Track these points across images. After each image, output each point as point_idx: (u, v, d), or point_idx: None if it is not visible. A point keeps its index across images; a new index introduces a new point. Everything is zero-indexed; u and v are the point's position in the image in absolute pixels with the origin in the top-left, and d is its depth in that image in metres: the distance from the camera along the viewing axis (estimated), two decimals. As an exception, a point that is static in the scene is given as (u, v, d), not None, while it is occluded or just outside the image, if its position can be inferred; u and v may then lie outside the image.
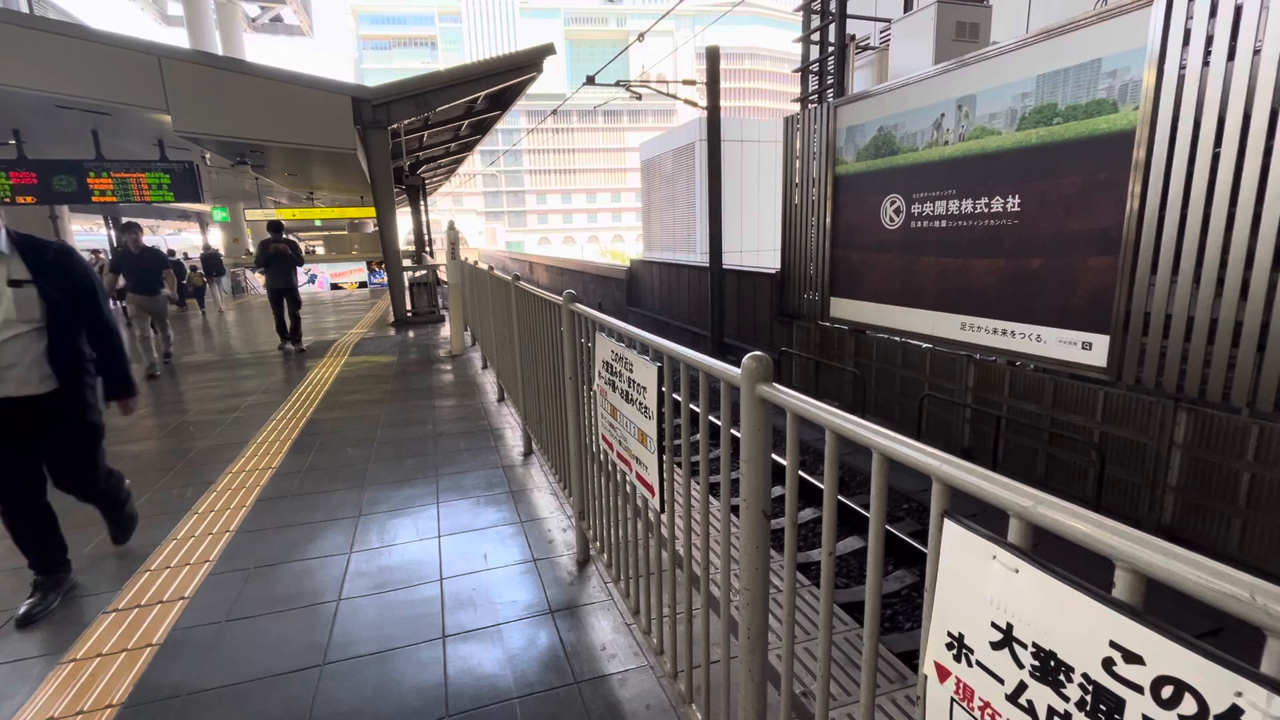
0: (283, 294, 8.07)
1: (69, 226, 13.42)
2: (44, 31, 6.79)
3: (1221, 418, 4.59)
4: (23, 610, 2.39)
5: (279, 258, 7.91)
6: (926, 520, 5.63)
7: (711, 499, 3.15)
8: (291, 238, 8.50)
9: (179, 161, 8.68)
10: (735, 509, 1.36)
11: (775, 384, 1.20)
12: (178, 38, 20.57)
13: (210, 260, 15.21)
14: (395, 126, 9.89)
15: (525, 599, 2.48)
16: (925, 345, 7.10)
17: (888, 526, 5.33)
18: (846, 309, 8.22)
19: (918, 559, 4.95)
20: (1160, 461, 5.00)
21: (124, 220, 6.65)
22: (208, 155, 10.14)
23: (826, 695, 1.15)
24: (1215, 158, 4.32)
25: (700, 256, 16.40)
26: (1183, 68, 4.43)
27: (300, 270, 8.33)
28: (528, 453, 4.07)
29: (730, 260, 12.08)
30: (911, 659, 3.71)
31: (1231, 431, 4.55)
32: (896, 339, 7.54)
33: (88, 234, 27.71)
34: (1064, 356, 5.44)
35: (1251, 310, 4.23)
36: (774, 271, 10.26)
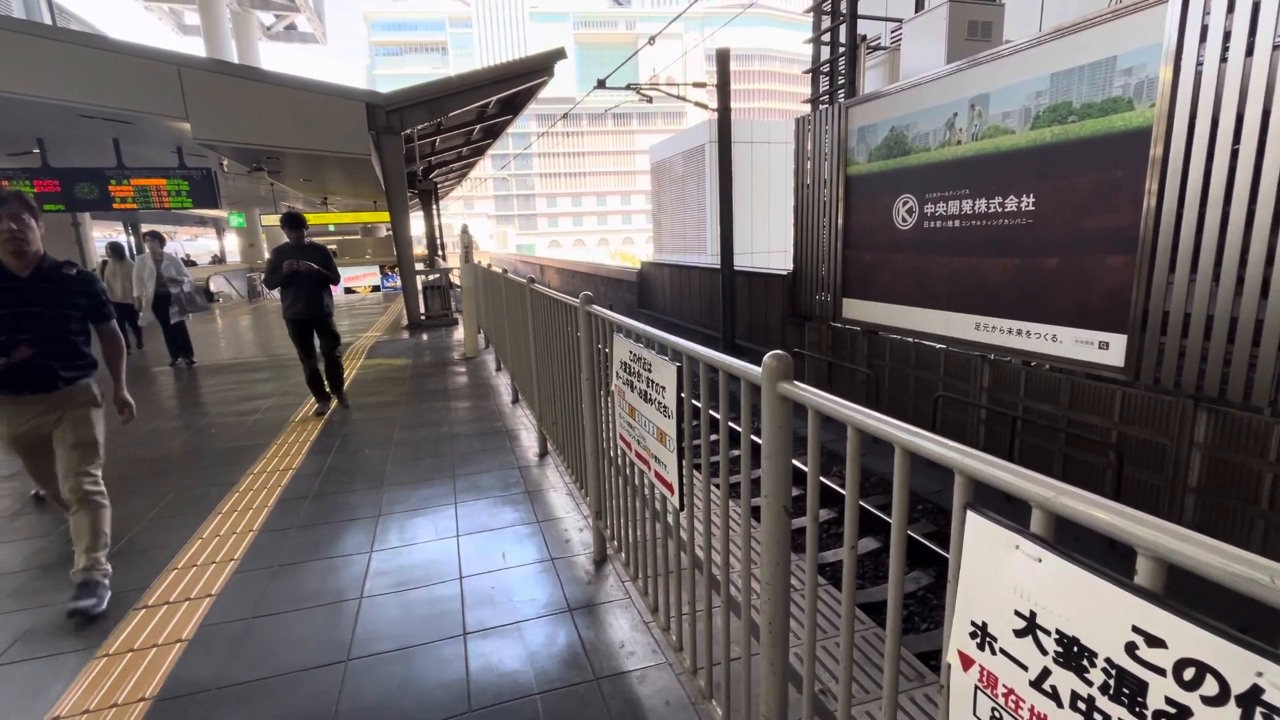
0: (309, 326, 5.16)
1: (90, 234, 13.71)
2: (67, 43, 6.94)
3: (1242, 418, 4.54)
4: None
5: (299, 276, 4.93)
6: (941, 522, 5.64)
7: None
8: (318, 241, 5.87)
9: (197, 168, 8.82)
10: (755, 509, 1.38)
11: (796, 382, 1.22)
12: (194, 46, 20.94)
13: None
14: (408, 131, 10.00)
15: (544, 597, 2.51)
16: (939, 346, 7.06)
17: (903, 527, 5.29)
18: (859, 310, 8.19)
19: (933, 560, 4.93)
20: (1180, 462, 4.94)
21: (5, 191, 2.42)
22: (225, 162, 10.31)
23: (848, 692, 1.16)
24: (1234, 154, 4.27)
25: (711, 258, 16.40)
26: (1200, 64, 4.39)
27: (333, 288, 5.38)
28: (543, 453, 4.10)
29: (741, 262, 12.08)
30: (928, 659, 3.70)
31: (1253, 431, 4.49)
32: (910, 340, 7.50)
33: (104, 241, 28.11)
34: (1081, 356, 5.40)
35: (1273, 308, 4.17)
36: (785, 273, 10.26)
